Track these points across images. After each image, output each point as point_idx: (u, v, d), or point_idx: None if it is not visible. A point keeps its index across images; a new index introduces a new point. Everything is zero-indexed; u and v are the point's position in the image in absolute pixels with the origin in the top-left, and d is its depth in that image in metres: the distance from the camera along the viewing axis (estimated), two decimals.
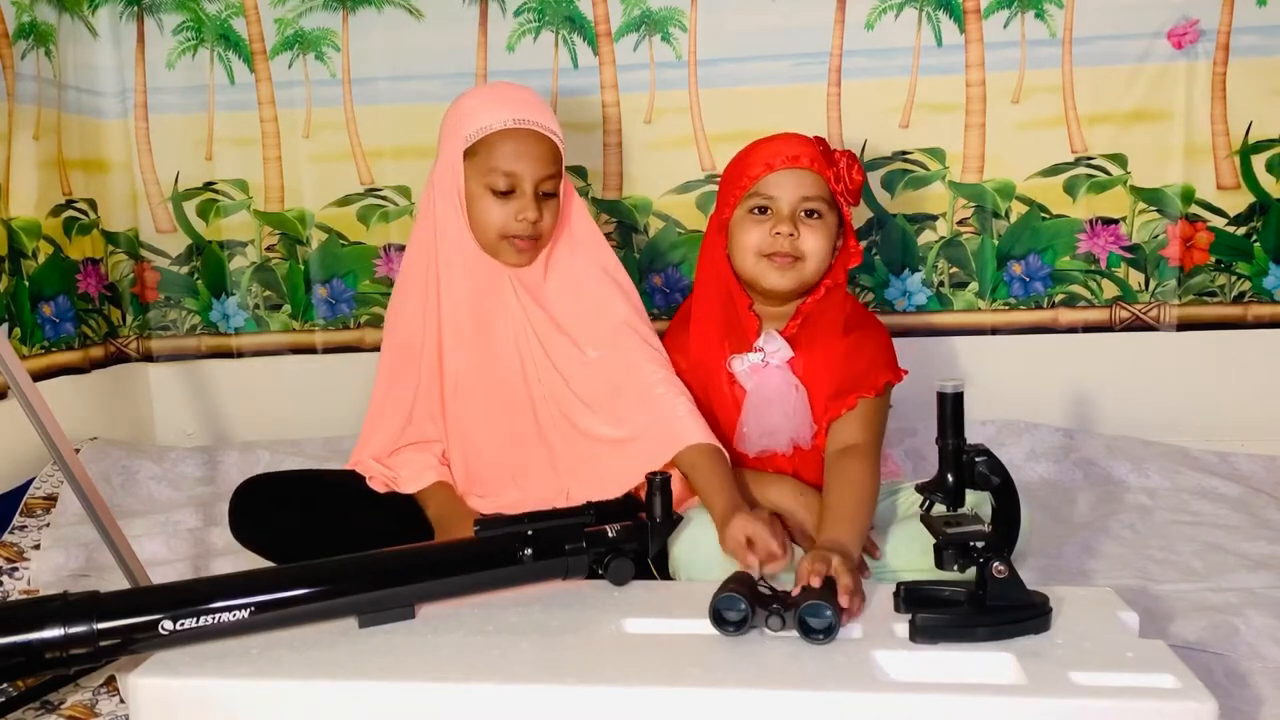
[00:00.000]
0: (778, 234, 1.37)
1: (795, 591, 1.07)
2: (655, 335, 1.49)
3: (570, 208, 1.49)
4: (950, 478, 1.10)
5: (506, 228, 1.40)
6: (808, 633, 1.02)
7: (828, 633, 1.02)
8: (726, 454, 1.37)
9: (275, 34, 2.18)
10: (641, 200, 2.17)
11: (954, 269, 2.14)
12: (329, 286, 2.25)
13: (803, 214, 1.39)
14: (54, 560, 1.55)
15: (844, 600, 1.06)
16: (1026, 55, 2.07)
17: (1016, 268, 2.13)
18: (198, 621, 1.03)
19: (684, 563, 1.29)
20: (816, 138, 1.43)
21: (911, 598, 1.07)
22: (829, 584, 1.07)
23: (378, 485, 1.47)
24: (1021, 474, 1.88)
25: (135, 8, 2.19)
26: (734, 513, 1.24)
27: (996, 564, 1.04)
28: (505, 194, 1.39)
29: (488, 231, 1.41)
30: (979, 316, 2.14)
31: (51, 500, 1.76)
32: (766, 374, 1.41)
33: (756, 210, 1.40)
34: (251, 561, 1.43)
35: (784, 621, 1.03)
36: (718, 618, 1.05)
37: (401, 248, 2.18)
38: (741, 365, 1.43)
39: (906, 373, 1.44)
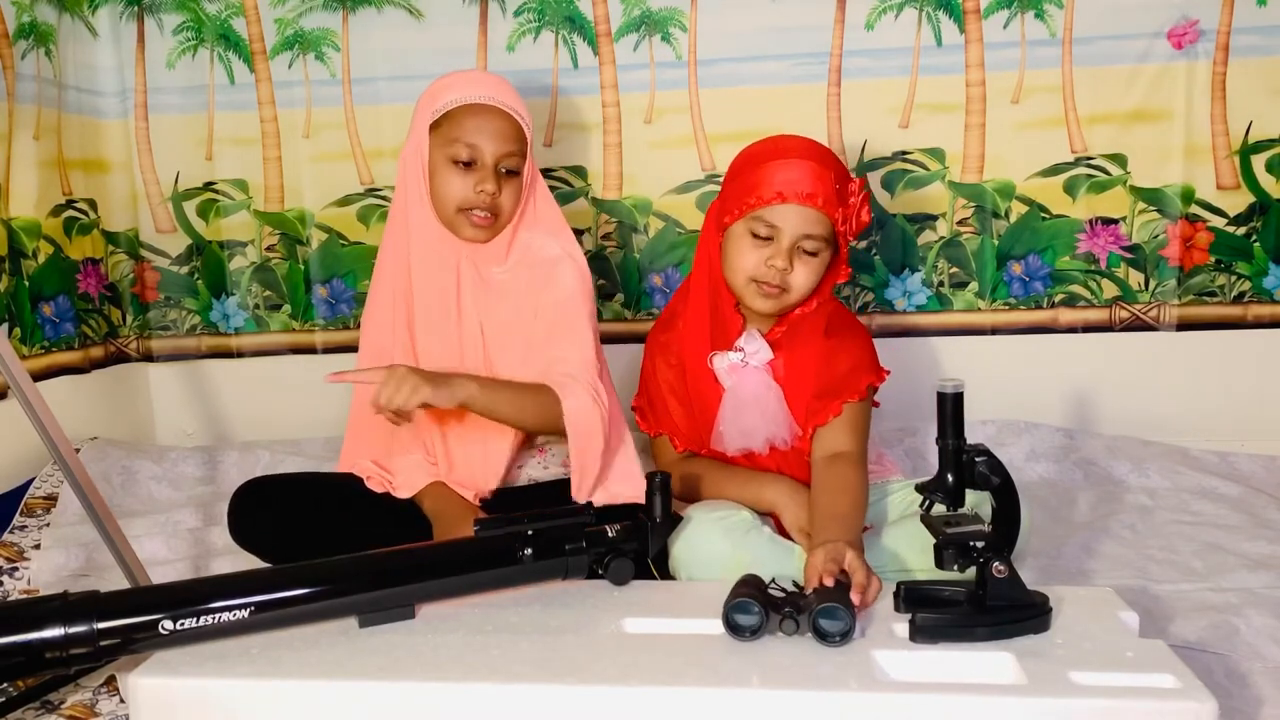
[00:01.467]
0: (771, 265, 1.37)
1: (809, 589, 1.06)
2: (593, 328, 1.47)
3: (535, 192, 1.50)
4: (950, 478, 1.11)
5: (465, 200, 1.42)
6: (823, 636, 1.02)
7: (844, 636, 1.02)
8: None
9: (275, 34, 2.18)
10: (641, 200, 2.17)
11: (954, 269, 2.14)
12: (329, 286, 2.25)
13: (801, 250, 1.38)
14: (54, 560, 1.55)
15: (856, 597, 1.07)
16: (1026, 55, 2.07)
17: (1016, 268, 2.13)
18: (198, 621, 1.03)
19: (684, 562, 1.29)
20: (834, 163, 1.40)
21: (911, 598, 1.07)
22: (840, 584, 1.07)
23: (376, 485, 1.48)
24: (1021, 474, 1.88)
25: (135, 8, 2.19)
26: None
27: (996, 564, 1.04)
28: (466, 166, 1.42)
29: (447, 204, 1.43)
30: (979, 316, 2.14)
31: (51, 500, 1.76)
32: (744, 374, 1.42)
33: (757, 234, 1.39)
34: (251, 562, 1.43)
35: (798, 625, 1.03)
36: (732, 624, 1.04)
37: None
38: (722, 363, 1.43)
39: (889, 372, 1.44)
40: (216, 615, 1.03)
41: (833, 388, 1.39)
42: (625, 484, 1.44)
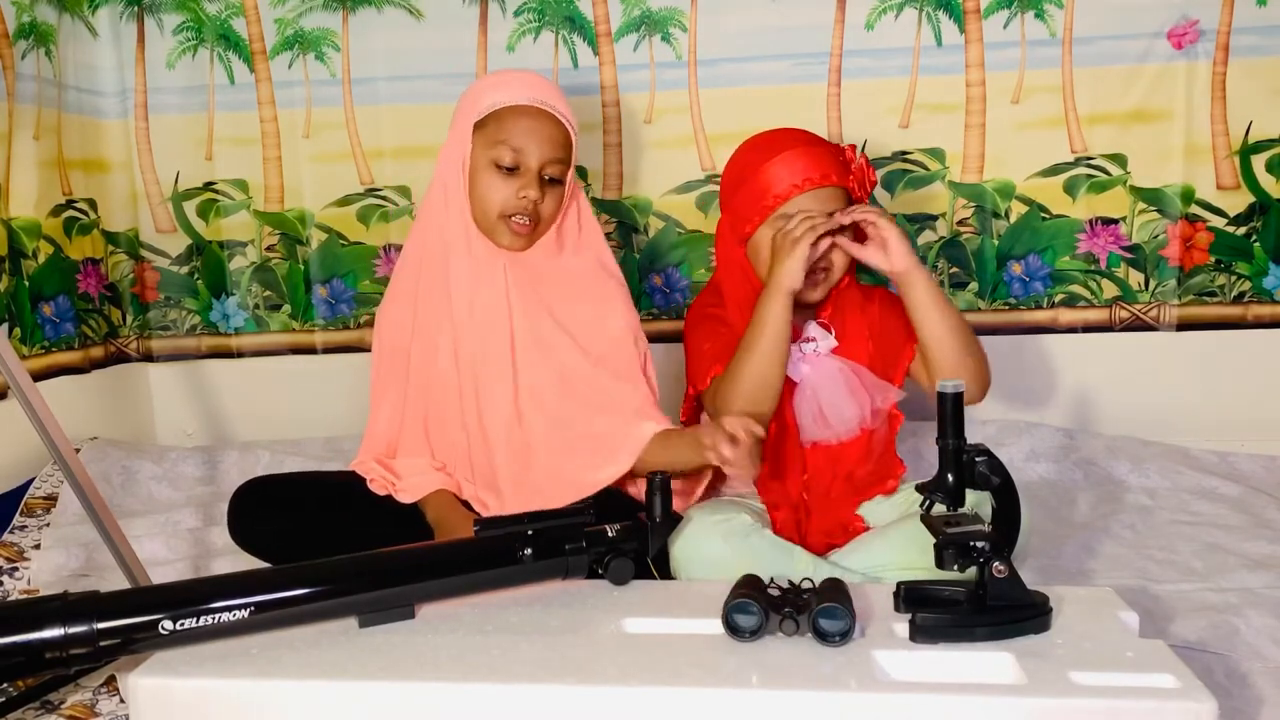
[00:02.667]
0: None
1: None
2: (647, 350, 1.47)
3: (576, 203, 1.48)
4: (950, 478, 1.10)
5: (506, 205, 1.38)
6: (823, 637, 1.02)
7: (843, 636, 1.02)
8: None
9: (275, 34, 2.18)
10: (641, 200, 2.17)
11: (954, 269, 2.14)
12: (329, 286, 2.25)
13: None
14: (54, 560, 1.55)
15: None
16: (1026, 55, 2.07)
17: (1016, 268, 2.13)
18: (198, 621, 1.03)
19: (684, 563, 1.29)
20: (821, 140, 1.43)
21: (911, 598, 1.07)
22: (841, 586, 1.07)
23: (378, 488, 1.47)
24: (1021, 474, 1.87)
25: (135, 8, 2.19)
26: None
27: (996, 564, 1.04)
28: (509, 171, 1.38)
29: (487, 209, 1.39)
30: (979, 316, 2.14)
31: (51, 500, 1.76)
32: (820, 363, 1.43)
33: None
34: (251, 562, 1.43)
35: (798, 625, 1.03)
36: (732, 624, 1.04)
37: (401, 248, 2.18)
38: (794, 354, 1.42)
39: None
40: (216, 615, 1.03)
41: (898, 342, 1.44)
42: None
